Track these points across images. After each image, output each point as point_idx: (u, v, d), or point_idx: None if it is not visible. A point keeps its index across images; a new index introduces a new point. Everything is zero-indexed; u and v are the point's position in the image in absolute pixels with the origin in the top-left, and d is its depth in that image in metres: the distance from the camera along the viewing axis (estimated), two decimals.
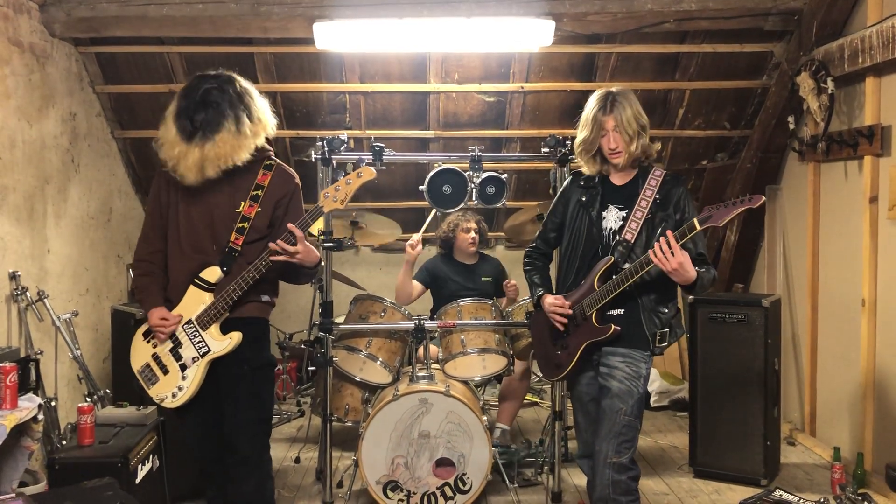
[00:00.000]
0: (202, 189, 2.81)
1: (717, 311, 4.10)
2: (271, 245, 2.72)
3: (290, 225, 2.73)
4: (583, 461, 3.04)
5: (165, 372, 2.86)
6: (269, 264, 2.75)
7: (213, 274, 2.81)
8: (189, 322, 2.83)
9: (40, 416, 3.22)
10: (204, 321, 2.81)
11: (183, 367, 2.83)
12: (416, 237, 4.38)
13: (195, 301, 2.83)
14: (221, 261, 2.81)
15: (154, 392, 2.87)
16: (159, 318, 2.81)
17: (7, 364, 3.07)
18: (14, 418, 3.00)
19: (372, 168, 2.85)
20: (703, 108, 5.26)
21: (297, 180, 2.94)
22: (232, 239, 2.80)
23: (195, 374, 2.81)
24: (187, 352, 2.83)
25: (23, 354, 3.74)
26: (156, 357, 2.88)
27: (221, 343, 2.81)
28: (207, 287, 2.81)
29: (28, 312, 3.96)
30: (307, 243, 2.78)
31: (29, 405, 3.15)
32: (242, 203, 2.82)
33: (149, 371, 2.88)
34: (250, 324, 2.87)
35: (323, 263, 3.78)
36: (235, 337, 2.81)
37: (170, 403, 2.84)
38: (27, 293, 3.93)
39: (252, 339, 2.86)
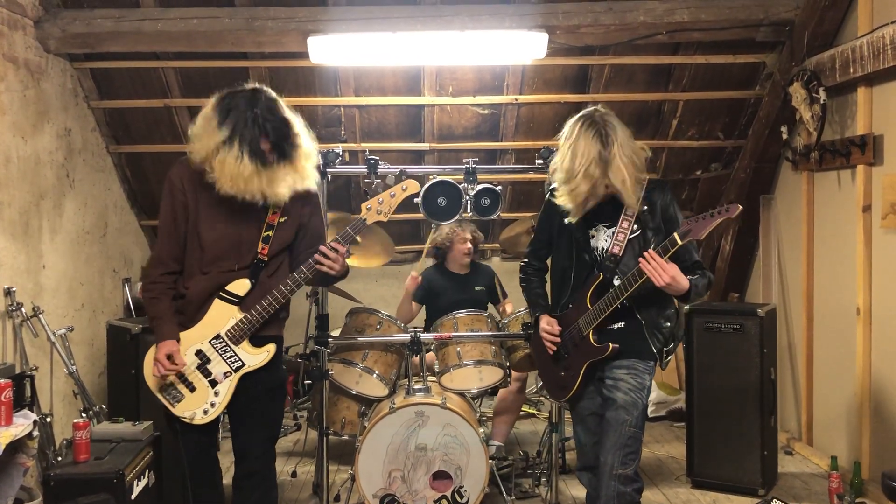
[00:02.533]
0: (228, 205, 2.70)
1: (713, 321, 4.11)
2: (317, 257, 2.69)
3: (334, 242, 2.71)
4: (582, 474, 3.03)
5: (192, 389, 2.75)
6: (308, 277, 2.72)
7: (241, 287, 2.74)
8: (217, 337, 2.74)
9: (35, 433, 3.21)
10: (236, 336, 2.73)
11: (213, 383, 2.75)
12: (415, 273, 4.49)
13: (223, 315, 2.74)
14: (251, 272, 2.74)
15: (180, 410, 2.76)
16: (166, 353, 2.69)
17: (2, 380, 3.06)
18: (9, 435, 2.98)
19: (416, 182, 2.83)
20: (697, 119, 5.28)
21: (316, 188, 2.90)
22: (259, 249, 2.74)
23: (227, 390, 2.75)
24: (217, 367, 2.75)
25: (18, 370, 3.73)
26: (180, 374, 2.76)
27: (257, 356, 2.76)
28: (236, 300, 2.74)
29: (23, 328, 3.94)
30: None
31: (24, 421, 3.14)
32: (268, 211, 2.75)
33: (172, 390, 2.76)
34: (274, 341, 2.82)
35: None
36: (272, 349, 2.77)
37: (201, 420, 2.75)
38: (22, 309, 3.92)
39: (272, 358, 2.81)
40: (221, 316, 2.74)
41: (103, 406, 4.28)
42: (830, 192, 4.45)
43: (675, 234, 2.57)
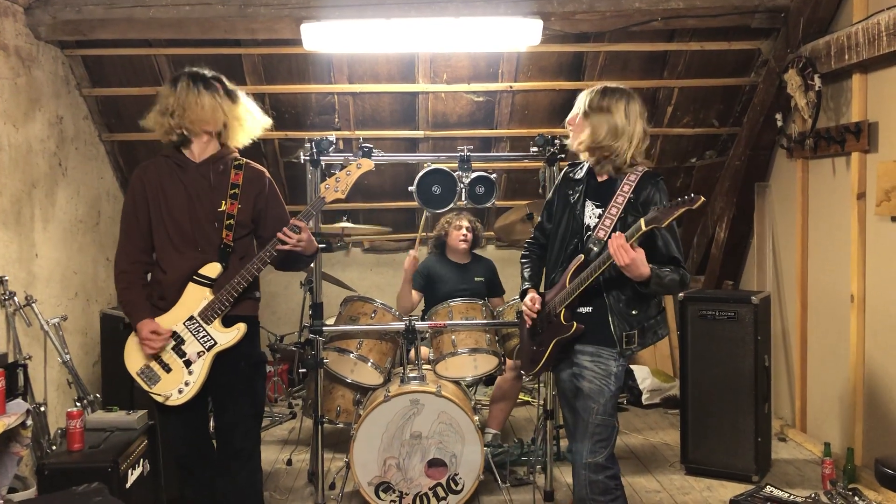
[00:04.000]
0: (182, 191, 2.87)
1: (707, 309, 4.11)
2: (279, 235, 2.81)
3: (294, 219, 2.84)
4: (570, 454, 3.06)
5: (168, 370, 2.87)
6: (274, 255, 2.83)
7: (213, 270, 2.87)
8: (191, 318, 2.86)
9: (29, 422, 3.21)
10: (208, 316, 2.85)
11: (188, 363, 2.86)
12: (414, 252, 4.43)
13: (196, 297, 2.86)
14: (220, 257, 2.88)
15: (157, 390, 2.87)
16: (150, 331, 2.82)
17: None
18: (2, 424, 2.99)
19: (370, 160, 2.99)
20: (692, 106, 5.27)
21: (267, 174, 3.04)
22: (224, 236, 2.88)
23: (201, 369, 2.86)
24: (192, 347, 2.86)
25: (11, 360, 3.73)
26: (156, 356, 2.87)
27: (228, 335, 2.87)
28: (207, 283, 2.86)
29: (16, 317, 3.93)
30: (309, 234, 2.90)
31: (17, 411, 3.14)
32: (224, 202, 2.89)
33: (149, 371, 2.88)
34: (246, 321, 2.93)
35: (313, 265, 3.79)
36: (242, 327, 2.88)
37: (176, 400, 2.85)
38: (15, 298, 3.90)
39: (248, 335, 2.93)
40: (194, 298, 2.87)
41: (97, 395, 4.27)
42: (825, 179, 4.45)
43: (641, 220, 2.59)
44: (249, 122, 2.95)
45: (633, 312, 2.77)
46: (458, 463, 3.64)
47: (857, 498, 3.64)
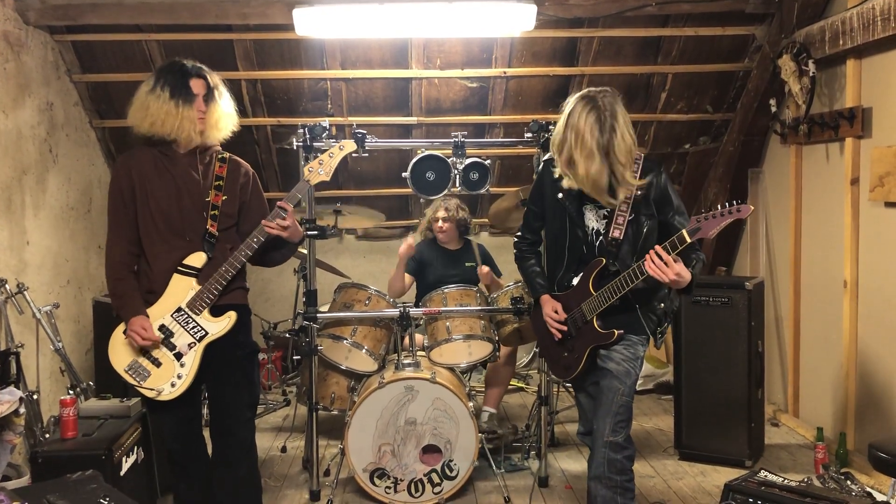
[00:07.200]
0: (171, 181, 2.82)
1: (701, 295, 4.11)
2: (264, 221, 2.79)
3: (280, 202, 2.81)
4: (584, 437, 3.08)
5: (158, 365, 2.79)
6: (261, 241, 2.80)
7: (198, 259, 2.82)
8: (179, 310, 2.80)
9: (22, 410, 3.20)
10: (196, 306, 2.80)
11: (178, 356, 2.80)
12: (410, 239, 4.42)
13: (182, 288, 2.81)
14: (204, 246, 2.83)
15: (148, 386, 2.79)
16: (141, 326, 2.75)
17: None
18: None
19: (352, 141, 3.00)
20: (686, 92, 5.26)
21: (251, 168, 3.02)
22: (209, 226, 2.83)
23: (193, 360, 2.79)
24: (181, 339, 2.80)
25: (3, 348, 3.72)
26: (144, 351, 2.80)
27: (219, 324, 2.81)
28: (193, 272, 2.81)
29: (8, 305, 3.91)
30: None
31: (10, 399, 3.13)
32: (210, 192, 2.85)
33: (137, 367, 2.80)
34: (238, 310, 2.89)
35: (307, 252, 3.78)
36: (233, 315, 2.83)
37: (168, 395, 2.78)
38: (6, 285, 3.88)
39: (242, 324, 2.89)
40: (180, 289, 2.82)
41: (90, 383, 4.25)
42: (819, 165, 4.45)
43: (684, 232, 2.55)
44: (223, 123, 2.88)
45: (661, 306, 2.84)
46: (453, 449, 3.65)
47: (849, 482, 3.65)
